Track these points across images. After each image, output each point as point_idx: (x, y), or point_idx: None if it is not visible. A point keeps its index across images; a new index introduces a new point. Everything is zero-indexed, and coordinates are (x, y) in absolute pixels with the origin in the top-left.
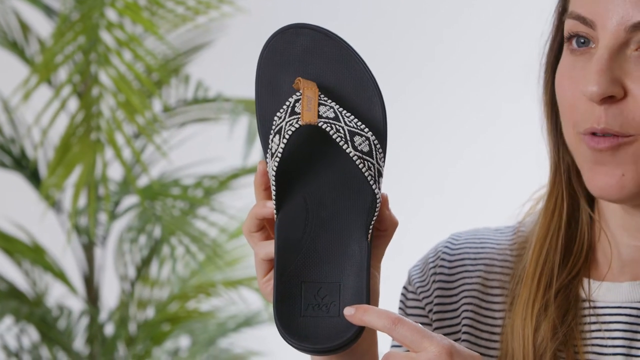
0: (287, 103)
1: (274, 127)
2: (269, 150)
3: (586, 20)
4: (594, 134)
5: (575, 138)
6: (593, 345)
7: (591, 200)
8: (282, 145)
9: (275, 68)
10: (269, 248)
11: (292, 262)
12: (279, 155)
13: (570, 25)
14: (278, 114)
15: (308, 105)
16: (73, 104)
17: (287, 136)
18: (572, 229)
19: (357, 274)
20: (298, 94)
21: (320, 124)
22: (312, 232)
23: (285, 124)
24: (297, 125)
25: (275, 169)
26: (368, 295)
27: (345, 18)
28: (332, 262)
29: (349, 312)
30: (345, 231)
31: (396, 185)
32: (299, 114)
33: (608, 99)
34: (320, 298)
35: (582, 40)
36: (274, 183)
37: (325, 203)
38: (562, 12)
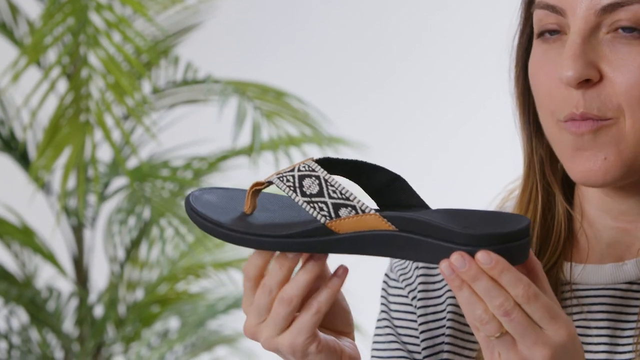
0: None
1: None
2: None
3: (555, 8)
4: (573, 120)
5: (555, 127)
6: (575, 327)
7: (569, 189)
8: None
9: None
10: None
11: None
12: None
13: (540, 16)
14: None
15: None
16: (62, 85)
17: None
18: (548, 221)
19: None
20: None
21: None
22: None
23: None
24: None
25: None
26: None
27: (333, 3)
28: None
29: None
30: None
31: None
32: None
33: (584, 83)
34: None
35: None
36: None
37: None
38: (529, 3)
